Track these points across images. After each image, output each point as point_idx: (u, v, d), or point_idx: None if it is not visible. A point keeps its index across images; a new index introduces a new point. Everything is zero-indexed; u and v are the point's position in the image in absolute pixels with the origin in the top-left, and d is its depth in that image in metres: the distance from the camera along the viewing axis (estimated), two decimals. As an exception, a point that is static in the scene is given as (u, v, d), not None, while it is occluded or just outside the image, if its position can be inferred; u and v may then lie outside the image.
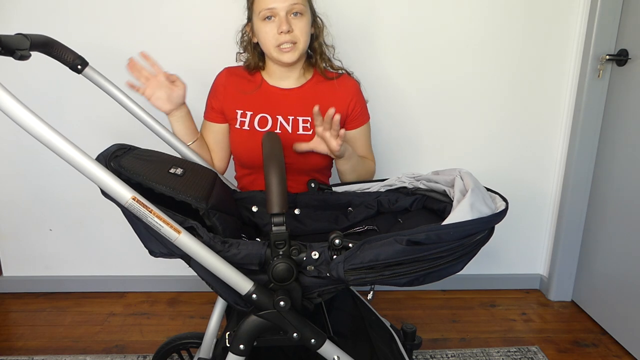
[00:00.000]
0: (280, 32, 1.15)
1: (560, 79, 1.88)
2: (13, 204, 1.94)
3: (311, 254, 0.82)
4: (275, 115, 1.26)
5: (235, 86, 1.28)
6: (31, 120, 0.64)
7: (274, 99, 1.28)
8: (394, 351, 1.11)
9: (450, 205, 0.93)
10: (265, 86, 1.29)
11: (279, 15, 1.14)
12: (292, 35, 1.16)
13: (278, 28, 1.15)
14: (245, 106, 1.27)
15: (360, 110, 1.31)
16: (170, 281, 2.04)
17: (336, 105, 1.24)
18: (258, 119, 1.26)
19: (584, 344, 1.73)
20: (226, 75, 1.30)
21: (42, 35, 0.93)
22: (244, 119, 1.27)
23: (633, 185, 1.65)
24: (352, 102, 1.29)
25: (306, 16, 1.19)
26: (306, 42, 1.21)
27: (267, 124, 1.26)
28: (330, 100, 1.26)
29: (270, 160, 0.80)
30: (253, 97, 1.27)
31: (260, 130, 1.26)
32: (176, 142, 1.18)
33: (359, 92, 1.32)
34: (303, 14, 1.18)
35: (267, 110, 1.26)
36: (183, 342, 1.35)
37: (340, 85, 1.29)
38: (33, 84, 1.78)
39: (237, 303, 0.87)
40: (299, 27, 1.17)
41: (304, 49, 1.21)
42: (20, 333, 1.76)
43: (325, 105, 1.24)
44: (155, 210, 0.73)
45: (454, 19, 1.78)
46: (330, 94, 1.28)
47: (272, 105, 1.27)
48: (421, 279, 0.81)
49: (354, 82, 1.32)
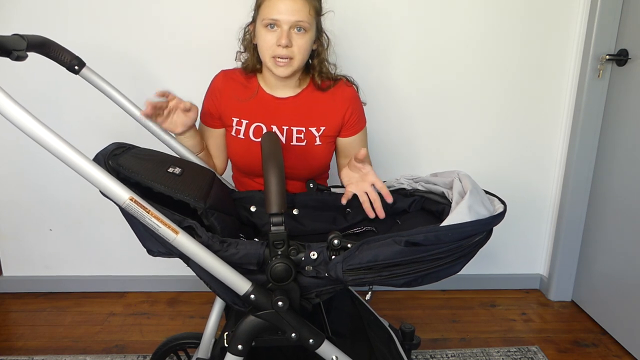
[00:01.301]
0: (278, 44, 1.13)
1: (560, 79, 1.88)
2: (13, 204, 1.94)
3: (310, 254, 0.82)
4: (270, 125, 1.25)
5: (231, 92, 1.27)
6: (28, 121, 0.64)
7: (269, 107, 1.26)
8: (392, 351, 1.11)
9: (449, 207, 0.93)
10: (261, 94, 1.27)
11: (282, 27, 1.12)
12: (290, 50, 1.14)
13: (278, 40, 1.12)
14: (241, 114, 1.26)
15: (357, 118, 1.29)
16: (170, 281, 2.04)
17: (332, 115, 1.26)
18: (253, 128, 1.25)
19: (584, 344, 1.72)
20: (222, 80, 1.28)
21: (39, 35, 0.93)
22: (239, 127, 1.26)
23: (633, 185, 1.65)
24: (347, 111, 1.26)
25: (309, 33, 1.16)
26: (303, 60, 1.18)
27: (262, 134, 1.25)
28: (325, 110, 1.25)
29: (269, 161, 0.80)
30: (249, 105, 1.26)
31: (255, 140, 1.25)
32: (173, 142, 1.18)
33: (356, 99, 1.29)
34: (307, 30, 1.15)
35: (262, 119, 1.25)
36: (181, 343, 1.35)
37: (336, 94, 1.26)
38: (30, 85, 1.78)
39: (235, 303, 0.87)
40: (298, 44, 1.14)
41: (300, 66, 1.19)
42: (20, 333, 1.76)
43: (320, 115, 1.25)
44: (153, 211, 0.73)
45: (453, 19, 1.78)
46: (325, 103, 1.26)
47: (267, 114, 1.25)
48: (419, 280, 0.82)
49: (350, 90, 1.28)
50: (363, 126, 1.32)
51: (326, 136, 1.27)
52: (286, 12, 1.11)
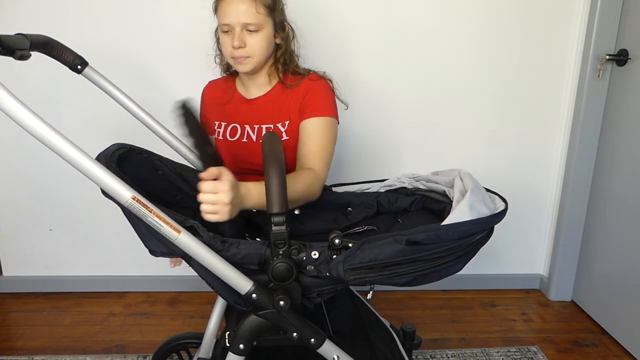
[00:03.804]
0: (233, 46, 1.15)
1: (560, 79, 1.88)
2: (13, 204, 1.94)
3: (311, 254, 0.82)
4: (243, 125, 1.28)
5: (212, 100, 1.34)
6: (32, 120, 0.64)
7: (242, 109, 1.29)
8: (393, 351, 1.11)
9: (450, 205, 0.93)
10: (236, 96, 1.31)
11: (235, 30, 1.15)
12: (245, 50, 1.16)
13: (231, 42, 1.16)
14: (220, 117, 1.31)
15: (313, 101, 1.20)
16: (170, 281, 2.04)
17: (293, 106, 1.23)
18: (230, 129, 1.29)
19: (584, 344, 1.73)
20: (207, 91, 1.37)
21: (42, 35, 0.93)
22: (219, 130, 1.30)
23: (633, 185, 1.65)
24: (302, 98, 1.21)
25: (263, 31, 1.17)
26: (261, 56, 1.19)
27: (236, 134, 1.28)
28: (290, 103, 1.24)
29: (270, 160, 0.80)
30: (226, 109, 1.31)
31: (230, 139, 1.28)
32: (176, 143, 1.18)
33: (318, 85, 1.23)
34: (259, 29, 1.16)
35: (236, 120, 1.29)
36: (182, 342, 1.35)
37: (301, 87, 1.24)
38: (33, 84, 1.78)
39: (236, 302, 0.87)
40: (251, 43, 1.16)
41: (260, 61, 1.20)
42: (20, 333, 1.76)
43: (285, 110, 1.25)
44: (155, 210, 0.73)
45: (453, 19, 1.78)
46: (291, 97, 1.24)
47: (240, 115, 1.29)
48: (420, 279, 0.81)
49: (311, 83, 1.23)
50: (320, 114, 1.19)
51: (292, 129, 1.24)
52: (234, 15, 1.13)
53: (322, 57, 1.70)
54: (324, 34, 1.74)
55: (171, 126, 1.23)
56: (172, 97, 1.78)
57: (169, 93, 1.80)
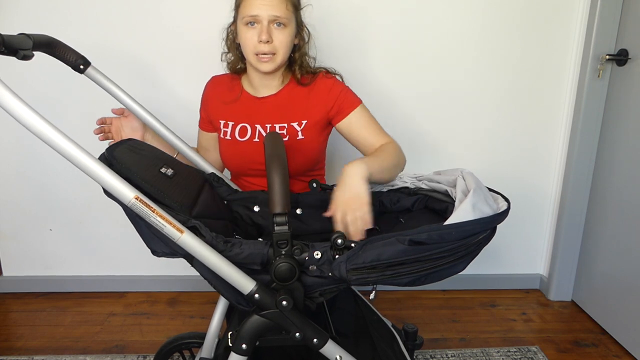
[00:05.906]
0: (259, 40, 1.14)
1: (560, 79, 1.88)
2: (13, 204, 1.94)
3: (313, 254, 0.82)
4: (254, 125, 1.26)
5: (217, 97, 1.32)
6: (35, 120, 0.64)
7: (252, 108, 1.28)
8: (395, 351, 1.11)
9: (452, 205, 0.93)
10: (245, 95, 1.29)
11: (262, 23, 1.13)
12: (272, 46, 1.15)
13: (258, 36, 1.14)
14: (227, 116, 1.29)
15: (343, 99, 1.25)
16: (170, 281, 2.04)
17: (312, 107, 1.25)
18: (239, 129, 1.28)
19: (584, 344, 1.73)
20: (210, 86, 1.35)
21: (44, 35, 0.93)
22: (226, 129, 1.29)
23: (633, 185, 1.65)
24: (329, 99, 1.24)
25: (289, 27, 1.17)
26: (285, 54, 1.19)
27: (246, 134, 1.27)
28: (306, 103, 1.25)
29: (272, 161, 0.80)
30: (233, 107, 1.29)
31: (240, 140, 1.27)
32: (177, 142, 1.18)
33: (335, 85, 1.26)
34: (286, 25, 1.16)
35: (246, 120, 1.27)
36: (185, 342, 1.35)
37: (315, 86, 1.26)
38: (35, 84, 1.78)
39: (239, 302, 0.87)
40: (279, 38, 1.15)
41: (283, 60, 1.20)
42: (20, 333, 1.76)
43: (301, 109, 1.25)
44: (158, 210, 0.74)
45: (453, 19, 1.78)
46: (306, 97, 1.26)
47: (250, 115, 1.27)
48: (423, 279, 0.81)
49: (329, 80, 1.26)
50: (355, 106, 1.25)
51: (309, 129, 1.25)
52: (264, 8, 1.12)
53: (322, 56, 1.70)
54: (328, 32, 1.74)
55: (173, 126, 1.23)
56: (174, 96, 1.80)
57: (172, 93, 1.80)
